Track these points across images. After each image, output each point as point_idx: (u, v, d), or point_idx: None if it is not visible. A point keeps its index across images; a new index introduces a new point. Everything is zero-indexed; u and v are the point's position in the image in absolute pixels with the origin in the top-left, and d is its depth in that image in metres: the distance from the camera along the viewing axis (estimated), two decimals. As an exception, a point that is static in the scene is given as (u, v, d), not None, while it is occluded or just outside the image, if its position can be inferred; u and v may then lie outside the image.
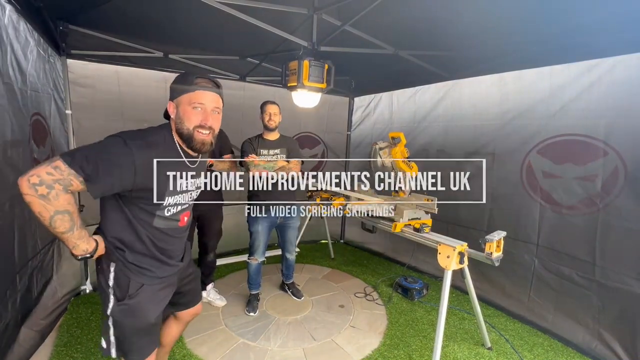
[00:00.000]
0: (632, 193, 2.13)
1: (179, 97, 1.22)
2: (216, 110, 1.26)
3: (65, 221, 1.09)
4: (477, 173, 3.09)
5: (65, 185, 1.06)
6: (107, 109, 2.99)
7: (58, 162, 1.05)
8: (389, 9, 1.90)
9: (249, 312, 2.67)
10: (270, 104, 2.55)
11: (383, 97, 4.07)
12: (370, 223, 2.52)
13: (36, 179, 1.02)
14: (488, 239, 1.85)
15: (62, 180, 1.04)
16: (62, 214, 1.08)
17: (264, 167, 2.36)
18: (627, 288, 2.15)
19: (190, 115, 1.20)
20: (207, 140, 1.24)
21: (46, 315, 2.22)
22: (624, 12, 1.68)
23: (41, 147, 2.11)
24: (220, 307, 2.73)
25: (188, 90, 1.20)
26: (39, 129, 2.11)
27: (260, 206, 2.51)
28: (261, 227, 2.56)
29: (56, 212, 1.06)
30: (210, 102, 1.22)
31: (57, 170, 1.04)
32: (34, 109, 2.05)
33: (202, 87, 1.21)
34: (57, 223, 1.08)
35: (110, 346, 1.28)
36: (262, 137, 2.58)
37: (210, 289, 2.73)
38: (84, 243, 1.16)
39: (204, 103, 1.21)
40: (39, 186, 1.02)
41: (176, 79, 1.26)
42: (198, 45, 2.77)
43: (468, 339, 2.48)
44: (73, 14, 2.20)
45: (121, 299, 1.24)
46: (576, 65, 2.37)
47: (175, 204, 1.30)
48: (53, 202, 1.05)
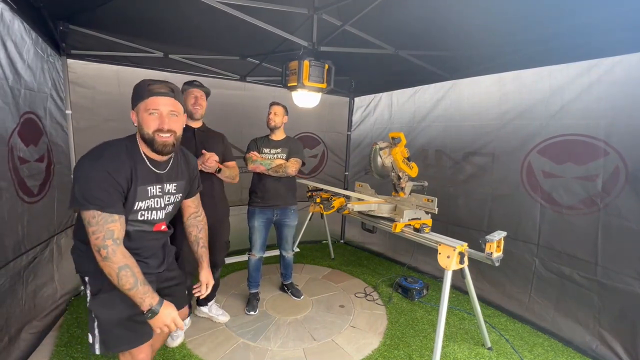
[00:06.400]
0: (633, 193, 2.13)
1: (136, 105, 1.28)
2: (173, 113, 1.29)
3: (129, 276, 1.21)
4: (476, 173, 3.10)
5: (110, 236, 1.20)
6: (107, 108, 2.99)
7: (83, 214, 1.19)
8: (389, 9, 1.90)
9: (249, 312, 2.68)
10: (275, 105, 2.61)
11: (383, 97, 4.07)
12: (370, 223, 2.52)
13: (95, 246, 1.19)
14: (488, 239, 1.85)
15: (102, 231, 1.19)
16: (124, 269, 1.20)
17: (261, 163, 2.50)
18: (628, 288, 2.15)
19: (147, 121, 1.26)
20: (169, 142, 1.29)
21: (44, 316, 2.21)
22: (624, 12, 1.68)
23: (31, 146, 2.09)
24: (224, 322, 2.57)
25: (143, 98, 1.25)
26: (30, 128, 2.10)
27: (257, 202, 2.61)
28: (257, 222, 2.63)
29: (119, 269, 1.20)
30: (164, 106, 1.26)
31: (95, 221, 1.19)
32: (26, 108, 2.04)
33: (155, 94, 1.25)
34: (123, 280, 1.20)
35: (95, 340, 1.33)
36: (268, 137, 2.67)
37: (212, 304, 2.61)
38: (149, 298, 1.25)
39: (158, 108, 1.26)
40: (99, 251, 1.19)
41: (134, 88, 1.30)
42: (198, 45, 2.77)
43: (468, 339, 2.47)
44: (73, 14, 2.20)
45: (95, 292, 1.32)
46: (576, 65, 2.37)
47: (148, 208, 1.35)
48: (113, 259, 1.20)
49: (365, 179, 3.52)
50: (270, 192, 2.58)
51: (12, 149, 1.87)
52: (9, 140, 1.84)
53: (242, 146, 3.73)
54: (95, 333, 1.32)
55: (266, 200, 2.59)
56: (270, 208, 2.62)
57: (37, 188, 2.16)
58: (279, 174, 2.52)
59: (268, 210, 2.63)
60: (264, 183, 2.56)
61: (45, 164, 2.28)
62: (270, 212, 2.64)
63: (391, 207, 2.45)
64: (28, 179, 2.04)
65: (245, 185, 3.77)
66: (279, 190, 2.60)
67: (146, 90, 1.25)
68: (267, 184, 2.56)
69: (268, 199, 2.59)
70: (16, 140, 1.91)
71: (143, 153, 1.32)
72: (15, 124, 1.91)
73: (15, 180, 1.88)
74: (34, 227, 2.11)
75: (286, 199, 2.66)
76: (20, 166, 1.94)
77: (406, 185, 2.46)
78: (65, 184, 2.57)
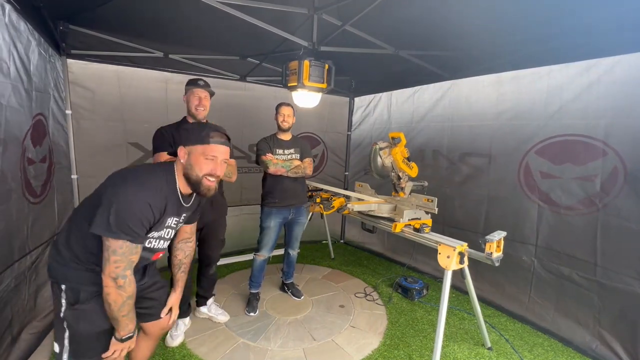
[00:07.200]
0: (633, 192, 2.13)
1: (193, 145, 1.31)
2: (225, 161, 1.36)
3: (130, 305, 1.26)
4: (473, 174, 3.10)
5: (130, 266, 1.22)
6: (107, 108, 2.99)
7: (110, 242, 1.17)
8: (389, 9, 1.91)
9: (249, 313, 2.67)
10: (285, 106, 2.61)
11: (383, 97, 4.07)
12: (370, 223, 2.52)
13: (113, 274, 1.19)
14: (488, 239, 1.85)
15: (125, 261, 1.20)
16: (130, 298, 1.25)
17: (282, 166, 2.52)
18: (628, 288, 2.15)
19: (202, 164, 1.30)
20: (213, 187, 1.35)
21: (44, 317, 2.21)
22: (624, 12, 1.68)
23: (37, 147, 2.10)
24: (223, 322, 2.55)
25: (203, 142, 1.30)
26: (38, 129, 2.11)
27: (275, 203, 2.61)
28: (274, 222, 2.63)
29: (128, 298, 1.24)
30: (222, 154, 1.33)
31: (121, 251, 1.18)
32: (37, 109, 2.04)
33: (216, 142, 1.31)
34: (125, 308, 1.24)
35: (63, 350, 1.30)
36: (277, 137, 2.66)
37: (211, 304, 2.60)
38: (130, 323, 1.31)
39: (216, 156, 1.31)
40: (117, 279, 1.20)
41: (193, 128, 1.37)
42: (198, 45, 2.77)
43: (468, 339, 2.47)
44: (73, 13, 2.20)
45: (73, 302, 1.29)
46: (575, 64, 2.37)
47: (159, 237, 1.38)
48: (127, 289, 1.23)
49: (365, 179, 3.52)
50: (288, 192, 2.61)
51: (25, 150, 1.89)
52: (24, 142, 1.86)
53: (241, 146, 3.74)
54: (65, 343, 1.29)
55: (284, 200, 2.61)
56: (287, 208, 2.65)
57: (40, 188, 2.16)
58: (297, 175, 2.56)
59: (285, 210, 2.65)
60: (283, 184, 2.57)
61: (47, 165, 2.29)
62: (287, 212, 2.67)
63: (391, 207, 2.45)
64: (33, 180, 2.05)
65: (246, 185, 3.81)
66: (297, 190, 2.66)
67: (209, 136, 1.30)
68: (286, 185, 2.58)
69: (286, 198, 2.61)
70: (28, 142, 1.93)
71: (179, 188, 1.35)
72: (28, 125, 1.92)
73: (23, 181, 1.89)
74: (36, 227, 2.11)
75: (301, 198, 2.73)
76: (28, 167, 1.96)
77: (406, 185, 2.46)
78: (64, 185, 2.57)
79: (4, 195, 1.69)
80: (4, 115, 1.68)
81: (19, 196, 1.84)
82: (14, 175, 1.76)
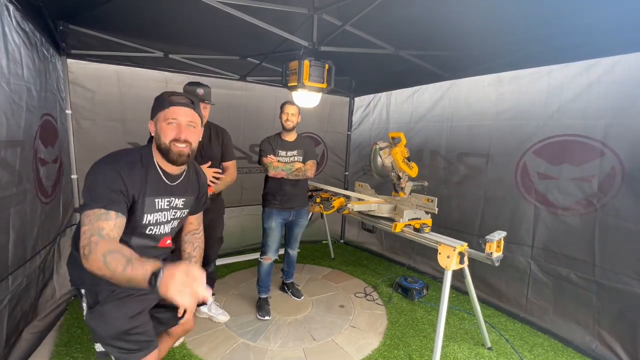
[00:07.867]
0: (630, 193, 2.14)
1: (156, 115, 1.29)
2: (191, 124, 1.30)
3: (119, 257, 1.02)
4: (470, 174, 3.10)
5: (98, 232, 1.11)
6: (106, 108, 2.99)
7: (85, 213, 1.14)
8: (389, 9, 1.90)
9: (263, 317, 2.62)
10: (289, 105, 2.55)
11: (382, 97, 4.07)
12: (370, 223, 2.52)
13: (83, 247, 1.09)
14: (488, 239, 1.85)
15: (92, 229, 1.11)
16: (111, 253, 1.04)
17: (282, 169, 2.46)
18: (627, 288, 2.15)
19: (165, 130, 1.26)
20: (184, 152, 1.29)
21: (44, 316, 2.21)
22: (624, 12, 1.68)
23: (49, 147, 2.11)
24: (223, 322, 2.56)
25: (163, 108, 1.27)
26: (48, 129, 2.11)
27: (275, 204, 2.58)
28: (275, 223, 2.60)
29: (104, 255, 1.03)
30: (183, 116, 1.28)
31: (88, 220, 1.12)
32: (44, 109, 2.04)
33: (175, 104, 1.27)
34: (113, 264, 1.01)
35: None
36: (281, 138, 2.61)
37: (211, 303, 2.60)
38: (150, 266, 1.00)
39: (177, 118, 1.27)
40: (84, 249, 1.08)
41: (155, 99, 1.32)
42: (198, 45, 2.77)
43: (468, 339, 2.48)
44: (73, 13, 2.20)
45: (92, 305, 1.29)
46: (575, 65, 2.37)
47: (157, 222, 1.35)
48: (95, 250, 1.06)
49: (365, 179, 3.52)
50: (288, 195, 2.57)
51: (36, 151, 1.89)
52: (34, 143, 1.87)
53: (242, 146, 3.74)
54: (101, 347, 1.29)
55: (284, 202, 2.58)
56: (287, 210, 2.62)
57: (51, 189, 2.18)
58: (298, 177, 2.52)
59: (285, 212, 2.62)
60: (283, 187, 2.54)
61: (58, 165, 2.30)
62: (288, 214, 2.64)
63: (391, 207, 2.45)
64: (45, 180, 2.07)
65: (246, 185, 3.81)
66: (297, 193, 2.61)
67: (167, 100, 1.26)
68: (286, 188, 2.54)
69: (286, 201, 2.58)
70: (38, 142, 1.94)
71: (157, 163, 1.32)
72: (37, 126, 1.93)
73: (36, 181, 1.91)
74: (45, 227, 2.13)
75: (302, 200, 2.69)
76: (40, 167, 1.98)
77: (406, 185, 2.46)
78: (66, 185, 2.57)
79: (20, 195, 1.73)
80: (23, 117, 1.70)
81: (32, 196, 1.87)
82: (27, 175, 1.79)
